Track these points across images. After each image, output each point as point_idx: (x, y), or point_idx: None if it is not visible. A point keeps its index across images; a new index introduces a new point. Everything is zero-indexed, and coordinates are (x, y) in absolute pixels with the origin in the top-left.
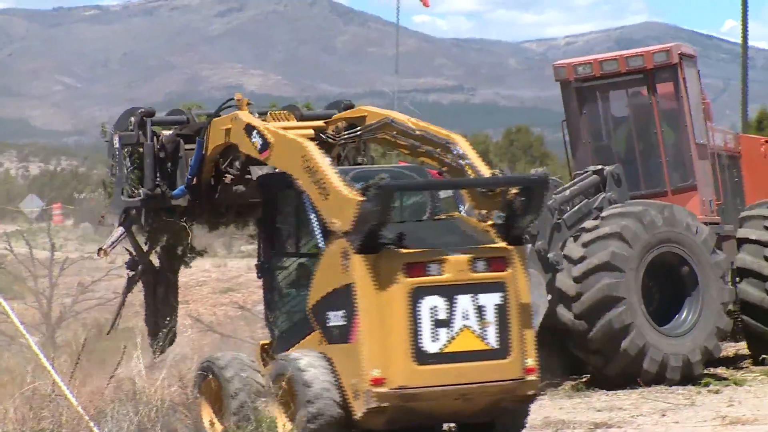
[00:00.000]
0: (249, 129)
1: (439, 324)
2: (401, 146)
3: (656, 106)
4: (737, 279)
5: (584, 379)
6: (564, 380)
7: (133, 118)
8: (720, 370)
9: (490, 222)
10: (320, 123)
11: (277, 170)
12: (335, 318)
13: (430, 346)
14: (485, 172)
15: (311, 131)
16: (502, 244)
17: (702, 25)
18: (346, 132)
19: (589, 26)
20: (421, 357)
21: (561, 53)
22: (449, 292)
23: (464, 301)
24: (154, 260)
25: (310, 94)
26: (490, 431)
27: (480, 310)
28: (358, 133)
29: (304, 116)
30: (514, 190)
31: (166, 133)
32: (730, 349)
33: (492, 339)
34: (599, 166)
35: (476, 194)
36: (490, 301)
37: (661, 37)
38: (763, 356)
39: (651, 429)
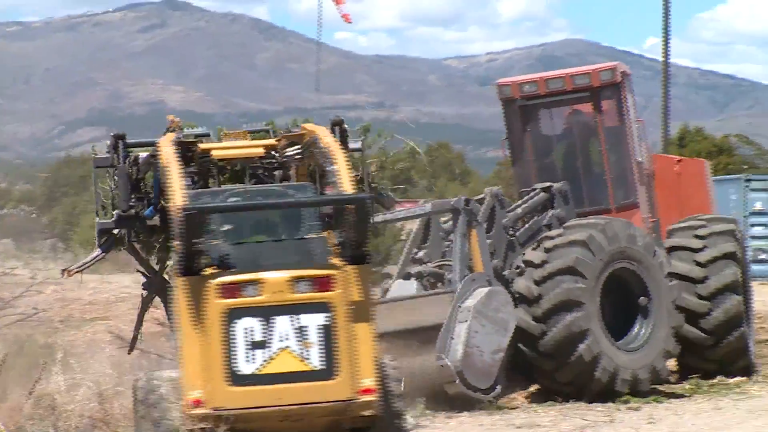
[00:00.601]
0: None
1: (255, 345)
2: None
3: (601, 125)
4: None
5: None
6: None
7: (108, 141)
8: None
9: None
10: (273, 141)
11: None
12: (175, 338)
13: (245, 368)
14: (346, 182)
15: (261, 150)
16: (334, 263)
17: (623, 43)
18: (286, 151)
19: (511, 43)
20: (236, 379)
21: (482, 70)
22: (266, 313)
23: (283, 323)
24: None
25: (231, 110)
26: None
27: (301, 331)
28: (295, 151)
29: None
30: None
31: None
32: None
33: (315, 360)
34: (547, 184)
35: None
36: (313, 321)
37: (582, 54)
38: (692, 376)
39: None
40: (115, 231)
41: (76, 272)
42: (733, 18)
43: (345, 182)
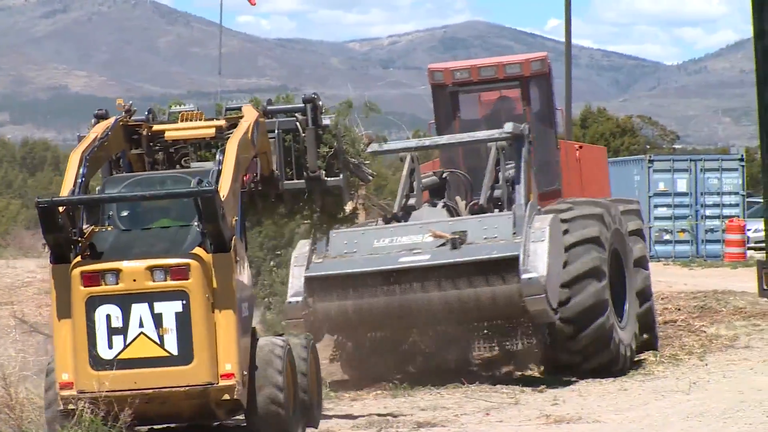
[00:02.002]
0: None
1: (114, 331)
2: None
3: (529, 113)
4: None
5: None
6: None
7: (92, 122)
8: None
9: None
10: (221, 122)
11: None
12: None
13: (105, 353)
14: (226, 173)
15: (212, 131)
16: (194, 253)
17: (525, 24)
18: (227, 132)
19: (412, 25)
20: (98, 363)
21: (384, 53)
22: (125, 300)
23: (140, 309)
24: None
25: (134, 94)
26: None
27: (158, 317)
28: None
29: (267, 111)
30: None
31: None
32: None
33: (172, 346)
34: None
35: None
36: (169, 309)
37: (485, 36)
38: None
39: (475, 428)
40: None
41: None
42: None
43: (225, 173)
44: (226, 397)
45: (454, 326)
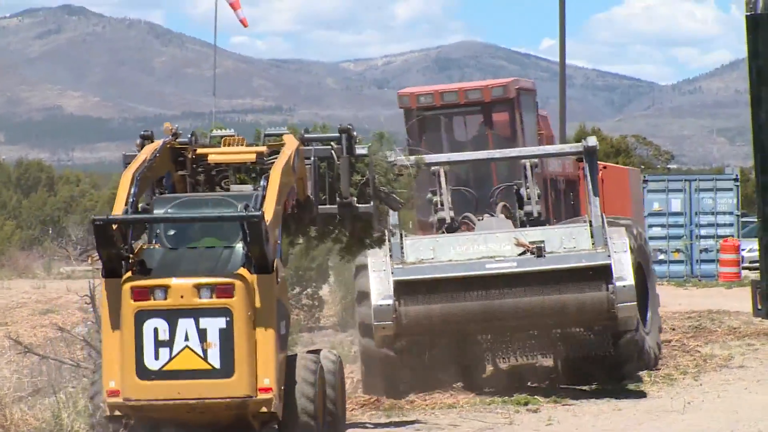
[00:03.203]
0: None
1: (161, 344)
2: None
3: (491, 138)
4: None
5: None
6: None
7: (137, 141)
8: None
9: None
10: (262, 149)
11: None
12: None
13: (152, 364)
14: (270, 197)
15: (253, 156)
16: (238, 273)
17: (520, 44)
18: (269, 159)
19: (407, 46)
20: (144, 373)
21: (379, 73)
22: (172, 315)
23: (186, 324)
24: None
25: (128, 115)
26: None
27: (203, 333)
28: (274, 159)
29: (304, 138)
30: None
31: None
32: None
33: (214, 359)
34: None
35: None
36: (214, 324)
37: (479, 56)
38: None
39: None
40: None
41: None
42: (629, 19)
43: (268, 198)
44: (264, 409)
45: (535, 332)
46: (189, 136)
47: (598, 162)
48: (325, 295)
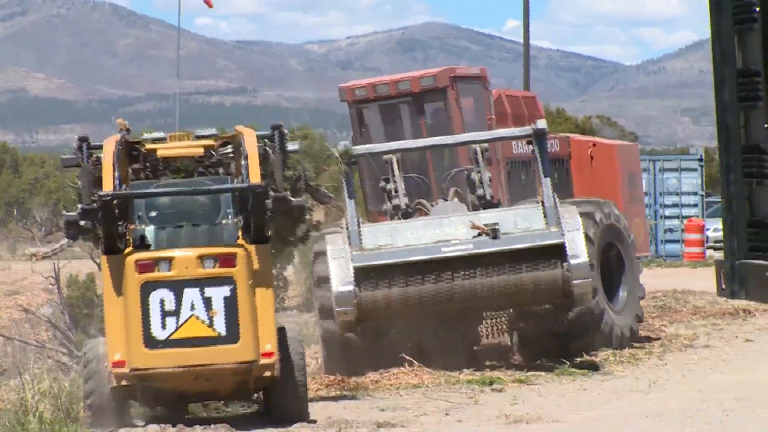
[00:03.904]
0: None
1: (167, 314)
2: None
3: (424, 127)
4: None
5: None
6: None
7: (74, 144)
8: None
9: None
10: (211, 142)
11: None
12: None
13: (159, 333)
14: (253, 173)
15: (200, 150)
16: (238, 243)
17: (484, 25)
18: (221, 150)
19: (371, 27)
20: (152, 342)
21: (343, 54)
22: (177, 286)
23: (192, 294)
24: None
25: (93, 97)
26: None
27: (208, 301)
28: (228, 150)
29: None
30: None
31: None
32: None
33: (220, 326)
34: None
35: None
36: (218, 293)
37: (443, 37)
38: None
39: (434, 428)
40: (81, 222)
41: (44, 257)
42: (593, 0)
43: (252, 173)
44: (267, 373)
45: (493, 311)
46: (124, 132)
47: (588, 138)
48: (289, 276)
